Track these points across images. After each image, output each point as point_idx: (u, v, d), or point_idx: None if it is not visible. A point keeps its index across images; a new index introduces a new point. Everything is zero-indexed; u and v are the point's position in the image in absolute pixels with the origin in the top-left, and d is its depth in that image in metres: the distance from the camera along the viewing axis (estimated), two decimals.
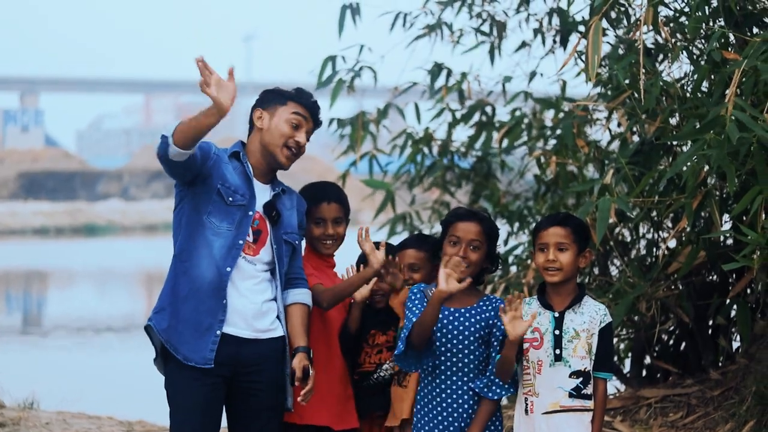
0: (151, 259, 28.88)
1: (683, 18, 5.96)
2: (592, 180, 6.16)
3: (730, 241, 6.30)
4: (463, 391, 4.42)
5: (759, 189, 4.97)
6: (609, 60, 6.39)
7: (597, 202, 5.46)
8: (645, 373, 6.97)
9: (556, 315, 4.38)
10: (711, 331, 6.69)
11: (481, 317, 4.43)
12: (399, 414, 4.72)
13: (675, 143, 6.07)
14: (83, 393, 8.80)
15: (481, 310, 4.45)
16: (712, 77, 5.68)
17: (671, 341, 6.97)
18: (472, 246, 4.43)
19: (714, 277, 6.62)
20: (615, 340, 6.64)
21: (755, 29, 5.88)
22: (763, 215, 4.99)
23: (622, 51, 6.33)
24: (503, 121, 7.39)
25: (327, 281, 4.79)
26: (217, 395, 4.45)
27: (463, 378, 4.42)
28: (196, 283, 4.41)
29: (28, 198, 57.35)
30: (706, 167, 5.22)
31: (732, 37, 5.62)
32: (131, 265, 31.31)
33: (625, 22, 6.54)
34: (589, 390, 4.35)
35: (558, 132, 6.82)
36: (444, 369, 4.43)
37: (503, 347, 4.32)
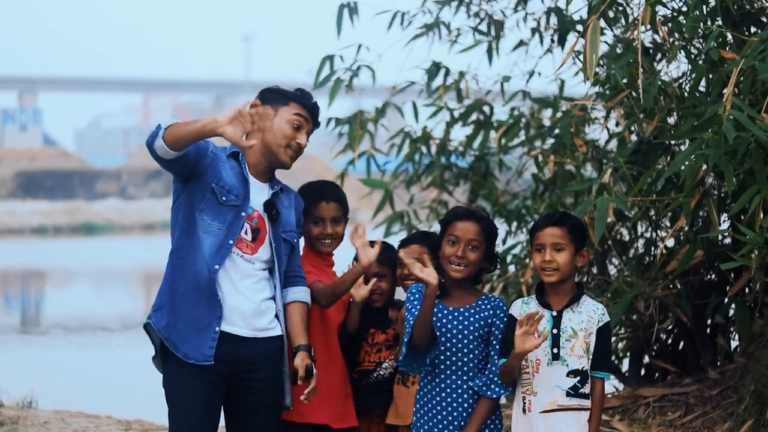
0: (150, 259, 28.72)
1: (681, 17, 5.97)
2: (590, 179, 6.17)
3: (728, 241, 6.31)
4: (463, 390, 4.42)
5: (757, 188, 4.98)
6: (607, 59, 6.40)
7: (595, 201, 5.46)
8: (643, 372, 6.97)
9: (554, 314, 4.38)
10: (709, 331, 6.69)
11: (480, 316, 4.43)
12: (404, 414, 4.73)
13: (673, 142, 6.07)
14: (82, 392, 8.81)
15: (480, 309, 4.45)
16: (709, 76, 5.69)
17: (669, 340, 6.97)
18: (470, 245, 4.43)
19: (712, 277, 6.62)
20: (613, 339, 6.63)
21: (753, 28, 5.89)
22: (761, 214, 4.99)
23: (620, 50, 6.33)
24: (501, 121, 7.40)
25: (326, 280, 4.79)
26: (217, 393, 4.44)
27: (463, 377, 4.42)
28: (192, 280, 4.41)
29: (26, 197, 57.29)
30: (704, 166, 5.23)
31: (730, 37, 5.62)
32: (130, 265, 31.29)
33: (623, 21, 6.54)
34: (587, 389, 4.35)
35: (556, 131, 6.81)
36: (443, 368, 4.43)
37: (504, 352, 4.33)
